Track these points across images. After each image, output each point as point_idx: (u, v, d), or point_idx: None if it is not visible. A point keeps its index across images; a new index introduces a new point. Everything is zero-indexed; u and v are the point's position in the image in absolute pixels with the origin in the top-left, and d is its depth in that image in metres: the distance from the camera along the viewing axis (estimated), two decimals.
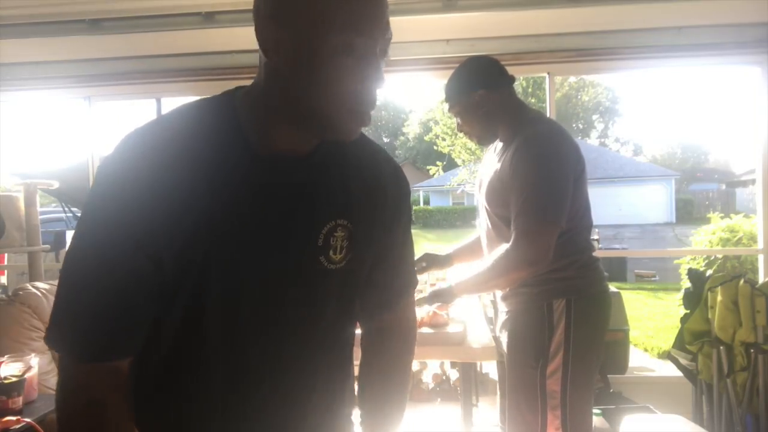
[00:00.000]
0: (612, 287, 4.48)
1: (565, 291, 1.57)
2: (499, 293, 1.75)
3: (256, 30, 0.69)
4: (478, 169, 1.83)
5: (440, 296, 1.73)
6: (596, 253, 1.69)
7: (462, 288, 1.69)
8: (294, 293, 0.76)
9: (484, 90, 1.64)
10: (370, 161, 0.84)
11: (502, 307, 1.73)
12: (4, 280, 5.50)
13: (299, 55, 0.67)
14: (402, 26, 2.65)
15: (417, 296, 1.92)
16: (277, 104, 0.71)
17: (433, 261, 1.97)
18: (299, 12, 0.66)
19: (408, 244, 0.92)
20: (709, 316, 2.52)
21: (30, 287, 2.11)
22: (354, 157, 0.81)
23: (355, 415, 0.94)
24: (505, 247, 1.55)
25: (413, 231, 0.96)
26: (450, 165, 17.51)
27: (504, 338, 1.71)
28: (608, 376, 2.89)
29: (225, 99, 0.76)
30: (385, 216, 0.84)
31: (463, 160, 15.95)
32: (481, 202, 1.74)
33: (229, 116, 0.73)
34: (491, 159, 1.71)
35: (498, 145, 1.70)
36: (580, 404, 1.58)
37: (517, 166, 1.54)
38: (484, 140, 1.74)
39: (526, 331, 1.61)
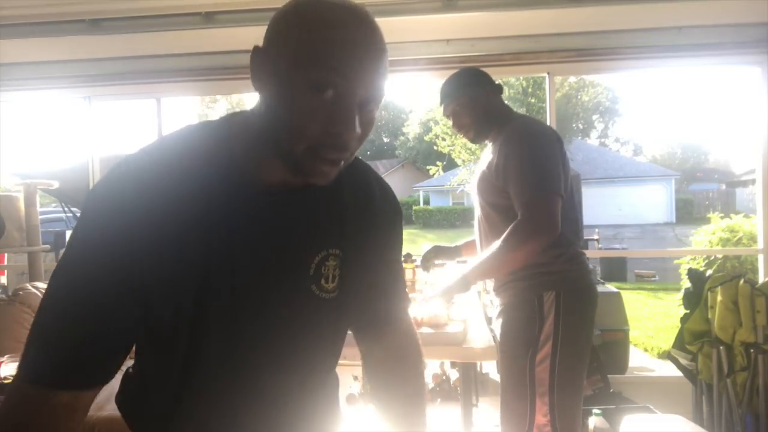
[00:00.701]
0: (612, 287, 4.53)
1: (555, 284, 1.64)
2: (492, 287, 1.79)
3: (251, 58, 0.70)
4: (470, 167, 1.89)
5: (454, 288, 1.73)
6: (597, 253, 1.73)
7: (475, 273, 1.69)
8: (289, 322, 0.75)
9: (483, 91, 1.77)
10: (362, 185, 0.83)
11: (496, 301, 1.78)
12: (4, 280, 5.50)
13: (279, 88, 0.66)
14: (402, 26, 2.65)
15: (424, 294, 1.94)
16: (265, 139, 0.69)
17: (441, 252, 2.06)
18: (286, 44, 0.65)
19: (400, 263, 0.94)
20: (709, 316, 2.52)
21: (30, 287, 2.12)
22: (348, 184, 0.80)
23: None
24: (510, 226, 1.60)
25: (414, 231, 0.97)
26: (450, 165, 17.49)
27: (498, 330, 1.77)
28: (608, 376, 2.89)
29: (220, 127, 0.74)
30: (378, 240, 0.84)
31: (463, 160, 15.92)
32: (473, 194, 1.82)
33: (223, 146, 0.71)
34: (484, 156, 1.81)
35: (489, 145, 1.80)
36: (568, 391, 1.64)
37: (508, 152, 1.64)
38: (477, 136, 1.82)
39: (518, 322, 1.69)
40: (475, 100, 1.76)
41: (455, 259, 2.09)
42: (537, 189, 1.58)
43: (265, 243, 0.71)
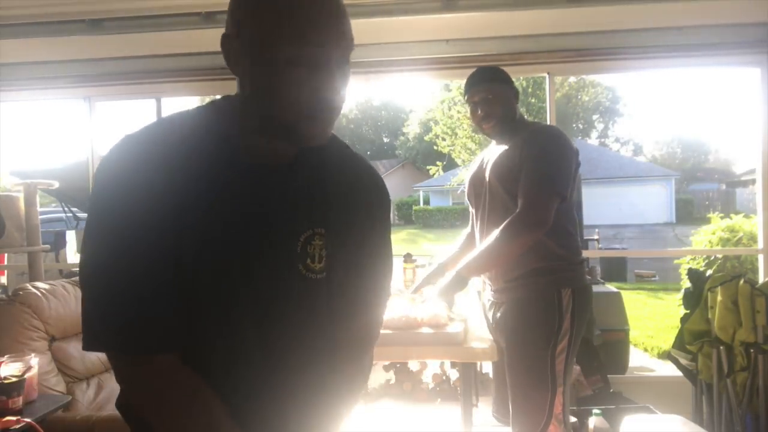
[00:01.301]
0: (612, 287, 4.53)
1: (570, 281, 1.73)
2: (501, 282, 1.80)
3: (221, 46, 0.73)
4: (469, 167, 1.91)
5: (451, 287, 1.76)
6: (597, 253, 1.80)
7: (470, 268, 1.75)
8: (279, 299, 0.76)
9: (513, 91, 1.84)
10: (349, 170, 0.85)
11: (498, 299, 1.83)
12: (4, 280, 5.50)
13: (254, 68, 0.70)
14: (402, 26, 2.65)
15: (424, 294, 1.94)
16: (248, 114, 0.74)
17: (429, 280, 2.00)
18: (251, 25, 0.69)
19: (383, 253, 0.89)
20: (709, 316, 2.52)
21: (30, 287, 2.11)
22: (334, 166, 0.83)
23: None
24: (508, 219, 1.66)
25: (414, 231, 0.95)
26: (450, 165, 17.47)
27: (505, 327, 1.80)
28: (608, 376, 2.88)
29: (211, 108, 0.78)
30: (363, 225, 0.85)
31: (463, 160, 15.93)
32: (483, 184, 1.84)
33: (214, 125, 0.75)
34: (494, 148, 1.85)
35: (497, 147, 1.84)
36: (569, 383, 1.77)
37: (530, 148, 1.71)
38: (501, 128, 1.83)
39: (537, 316, 1.73)
40: (509, 95, 1.83)
41: (445, 274, 2.02)
42: (543, 185, 1.66)
43: (251, 218, 0.73)
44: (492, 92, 1.80)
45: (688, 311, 2.62)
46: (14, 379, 1.60)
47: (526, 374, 1.74)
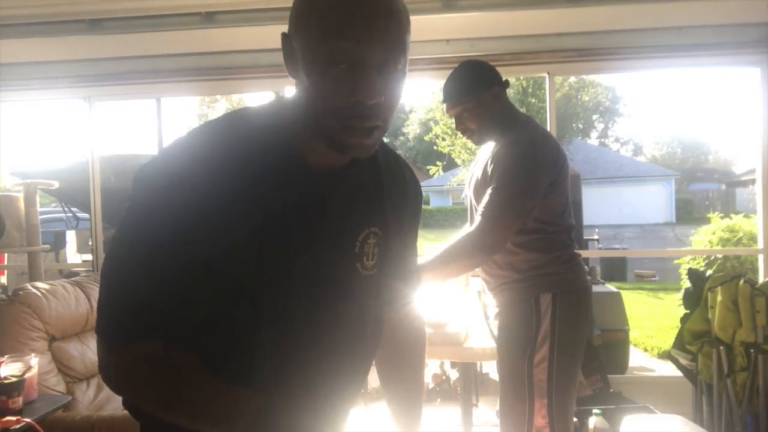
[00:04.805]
0: (612, 287, 4.53)
1: (551, 285, 1.65)
2: (489, 288, 1.79)
3: (282, 46, 0.73)
4: (470, 167, 1.86)
5: None
6: (597, 253, 1.74)
7: (425, 275, 1.62)
8: (338, 298, 0.79)
9: (490, 93, 1.70)
10: (396, 169, 0.88)
11: (493, 301, 1.79)
12: (4, 280, 5.49)
13: (302, 70, 0.69)
14: None
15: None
16: (306, 122, 0.72)
17: None
18: (298, 23, 0.69)
19: (415, 244, 0.99)
20: (709, 316, 2.52)
21: (30, 287, 2.11)
22: (387, 171, 0.86)
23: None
24: (466, 231, 1.63)
25: None
26: (450, 165, 17.47)
27: (495, 331, 1.78)
28: (608, 376, 2.88)
29: (273, 111, 0.77)
30: (408, 221, 0.91)
31: (463, 160, 15.93)
32: (468, 195, 1.82)
33: (278, 128, 0.74)
34: (482, 157, 1.79)
35: (490, 144, 1.76)
36: (565, 392, 1.65)
37: (498, 163, 1.63)
38: (481, 140, 1.78)
39: (515, 323, 1.68)
40: (482, 104, 1.70)
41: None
42: (501, 209, 1.57)
43: (317, 220, 0.75)
44: (465, 108, 1.71)
45: (688, 311, 2.63)
46: (14, 379, 1.60)
47: (507, 382, 1.70)
